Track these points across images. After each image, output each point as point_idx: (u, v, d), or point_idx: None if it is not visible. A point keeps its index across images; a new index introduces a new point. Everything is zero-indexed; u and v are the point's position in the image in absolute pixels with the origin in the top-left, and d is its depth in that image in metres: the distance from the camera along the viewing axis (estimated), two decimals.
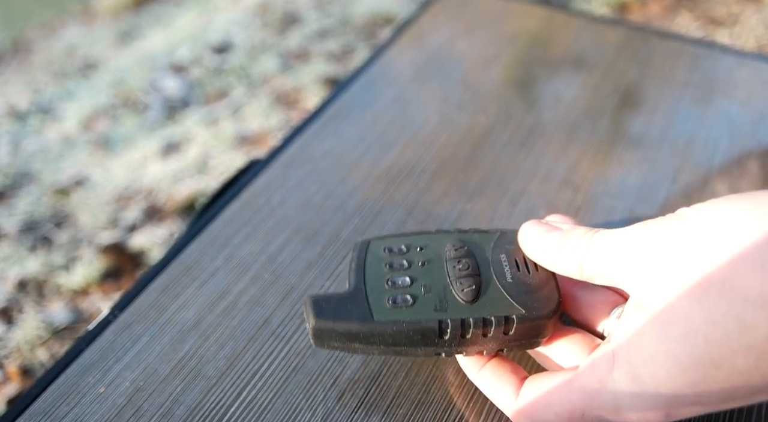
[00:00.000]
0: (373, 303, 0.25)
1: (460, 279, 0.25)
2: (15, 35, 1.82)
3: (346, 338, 0.24)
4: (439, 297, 0.25)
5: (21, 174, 1.32)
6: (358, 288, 0.25)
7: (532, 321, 0.24)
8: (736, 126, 0.42)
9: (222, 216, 0.37)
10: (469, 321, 0.24)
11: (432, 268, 0.26)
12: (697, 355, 0.19)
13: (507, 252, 0.27)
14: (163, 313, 0.32)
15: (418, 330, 0.24)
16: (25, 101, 1.56)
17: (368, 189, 0.38)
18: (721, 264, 0.18)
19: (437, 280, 0.26)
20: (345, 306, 0.25)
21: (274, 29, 1.69)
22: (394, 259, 0.27)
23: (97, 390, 0.29)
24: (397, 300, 0.25)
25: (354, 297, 0.25)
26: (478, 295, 0.25)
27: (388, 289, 0.25)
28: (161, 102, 1.48)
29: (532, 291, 0.25)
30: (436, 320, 0.24)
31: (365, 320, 0.24)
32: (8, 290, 1.06)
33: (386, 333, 0.24)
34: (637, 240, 0.21)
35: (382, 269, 0.26)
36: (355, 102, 0.45)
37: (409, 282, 0.26)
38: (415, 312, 0.24)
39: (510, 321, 0.24)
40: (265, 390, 0.28)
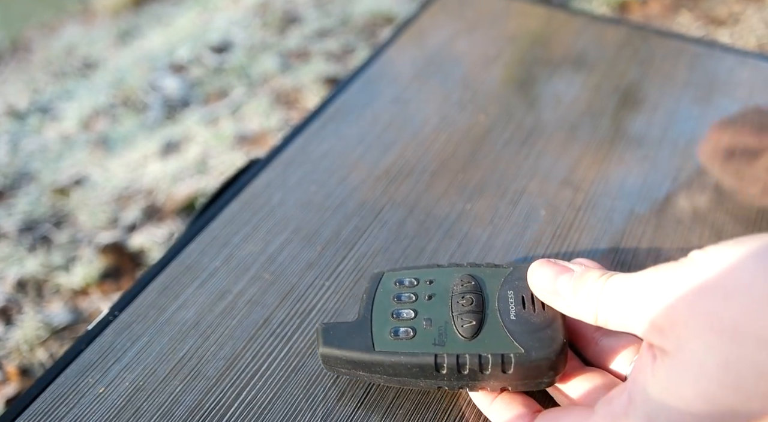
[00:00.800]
0: (375, 333, 0.26)
1: (462, 314, 0.26)
2: (14, 35, 1.82)
3: (350, 365, 0.26)
4: (439, 332, 0.25)
5: (20, 173, 1.32)
6: (365, 318, 0.27)
7: (532, 361, 0.24)
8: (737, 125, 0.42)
9: (222, 216, 0.37)
10: (465, 357, 0.24)
11: (437, 302, 0.27)
12: (711, 400, 0.19)
13: (515, 288, 0.26)
14: (163, 313, 0.32)
15: (415, 363, 0.25)
16: (24, 101, 1.55)
17: (368, 189, 0.38)
18: (733, 309, 0.18)
19: (440, 314, 0.26)
20: (350, 335, 0.26)
21: (274, 29, 1.69)
22: (402, 292, 0.27)
23: (96, 390, 0.29)
24: (398, 333, 0.26)
25: (360, 326, 0.26)
26: (479, 331, 0.25)
27: (391, 321, 0.26)
28: (161, 101, 1.47)
29: (535, 331, 0.25)
30: (432, 354, 0.25)
31: (366, 350, 0.25)
32: (7, 290, 1.06)
33: (386, 364, 0.25)
34: (650, 286, 0.21)
35: (389, 301, 0.27)
36: (355, 101, 0.45)
37: (413, 315, 0.26)
38: (413, 345, 0.25)
39: (507, 359, 0.24)
40: (265, 390, 0.28)
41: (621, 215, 0.36)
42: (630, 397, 0.21)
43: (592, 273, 0.23)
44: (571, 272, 0.24)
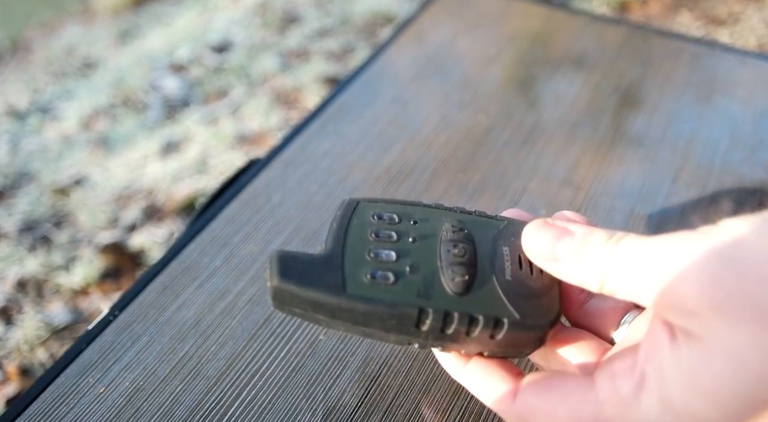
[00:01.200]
0: (348, 273, 0.21)
1: (452, 265, 0.22)
2: (14, 35, 1.82)
3: (310, 307, 0.21)
4: (425, 281, 0.22)
5: (20, 173, 1.32)
6: (335, 252, 0.22)
7: (525, 329, 0.21)
8: (737, 125, 0.42)
9: (222, 215, 0.37)
10: (453, 316, 0.21)
11: (423, 247, 0.23)
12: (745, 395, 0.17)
13: (511, 245, 0.23)
14: (163, 313, 0.32)
15: (394, 314, 0.21)
16: (24, 101, 1.55)
17: (368, 188, 0.38)
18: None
19: (427, 262, 0.22)
20: (315, 271, 0.21)
21: (273, 28, 1.69)
22: (382, 228, 0.23)
23: (96, 390, 0.29)
24: (376, 275, 0.21)
25: (328, 261, 0.22)
26: (470, 288, 0.22)
27: (369, 261, 0.22)
28: (161, 101, 1.47)
29: (532, 296, 0.22)
30: (416, 307, 0.21)
31: (336, 291, 0.21)
32: (7, 290, 1.06)
33: (357, 311, 0.21)
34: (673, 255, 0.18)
35: (366, 237, 0.23)
36: (355, 101, 0.45)
37: (395, 258, 0.22)
38: (394, 292, 0.21)
39: (500, 324, 0.21)
40: (265, 390, 0.28)
41: (621, 215, 0.36)
42: (642, 378, 0.19)
43: (597, 234, 0.20)
44: (572, 234, 0.21)
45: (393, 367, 0.29)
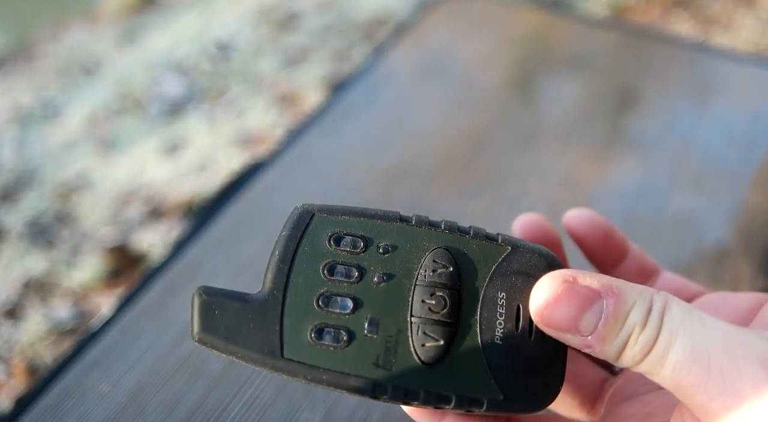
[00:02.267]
0: (287, 329, 0.17)
1: (425, 324, 0.17)
2: (20, 36, 1.83)
3: (242, 360, 0.17)
4: (386, 345, 0.17)
5: (25, 174, 1.32)
6: (273, 296, 0.17)
7: (510, 411, 0.17)
8: (732, 127, 0.42)
9: (223, 215, 0.37)
10: (418, 395, 0.17)
11: (391, 291, 0.17)
12: None
13: (509, 290, 0.18)
14: (165, 312, 0.32)
15: (342, 386, 0.17)
16: (29, 101, 1.56)
17: (369, 189, 0.39)
18: None
19: (393, 315, 0.17)
20: (246, 322, 0.17)
21: (274, 28, 1.70)
22: (339, 260, 0.18)
23: (100, 388, 0.29)
24: (323, 336, 0.17)
25: (264, 309, 0.17)
26: (444, 356, 0.17)
27: (315, 311, 0.17)
28: (163, 102, 1.48)
29: (526, 371, 0.17)
30: (370, 381, 0.16)
31: (270, 354, 0.16)
32: (13, 290, 1.07)
33: (299, 376, 0.17)
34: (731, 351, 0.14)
35: (317, 272, 0.18)
36: (357, 103, 0.45)
37: (350, 308, 0.17)
38: (345, 359, 0.17)
39: (477, 404, 0.17)
40: (267, 389, 0.29)
41: (619, 215, 0.36)
42: None
43: (637, 308, 0.16)
44: (600, 301, 0.16)
45: None
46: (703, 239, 0.35)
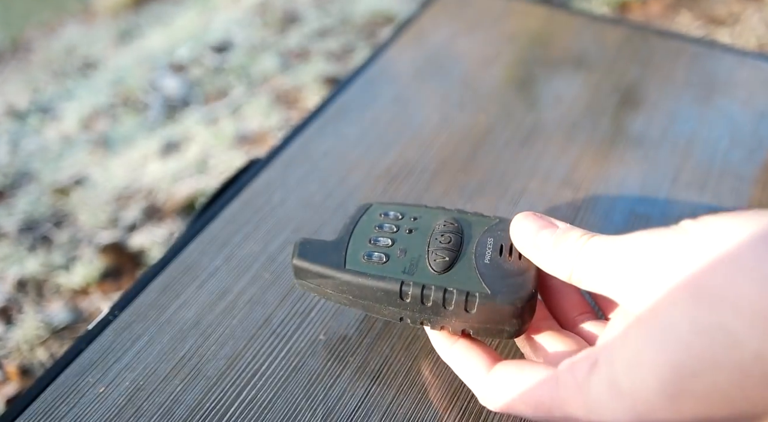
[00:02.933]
0: (349, 253, 0.26)
1: (437, 250, 0.26)
2: (14, 34, 1.82)
3: (319, 280, 0.26)
4: (411, 262, 0.26)
5: (20, 173, 1.32)
6: (342, 239, 0.27)
7: (495, 304, 0.24)
8: (737, 125, 0.42)
9: (222, 215, 0.37)
10: (431, 288, 0.24)
11: (416, 236, 0.27)
12: (677, 364, 0.18)
13: (496, 237, 0.27)
14: (163, 313, 0.32)
15: (381, 287, 0.25)
16: (24, 100, 1.55)
17: (368, 188, 0.38)
18: (718, 277, 0.18)
19: (416, 247, 0.26)
20: (325, 252, 0.27)
21: (274, 28, 1.69)
22: (385, 222, 0.28)
23: (96, 389, 0.29)
24: (371, 256, 0.26)
25: (336, 246, 0.27)
26: (449, 268, 0.25)
27: (368, 246, 0.27)
28: (161, 101, 1.47)
29: (506, 277, 0.25)
30: (399, 281, 0.25)
31: (337, 267, 0.26)
32: (8, 290, 1.06)
33: (352, 284, 0.26)
34: (633, 248, 0.20)
35: (371, 228, 0.28)
36: (356, 101, 0.45)
37: (389, 243, 0.27)
38: (383, 269, 0.25)
39: (471, 298, 0.24)
40: (266, 390, 0.28)
41: (621, 215, 0.36)
42: (595, 360, 0.21)
43: (575, 231, 0.23)
44: (554, 227, 0.24)
45: (393, 367, 0.29)
46: None
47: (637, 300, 0.20)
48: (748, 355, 0.17)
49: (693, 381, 0.18)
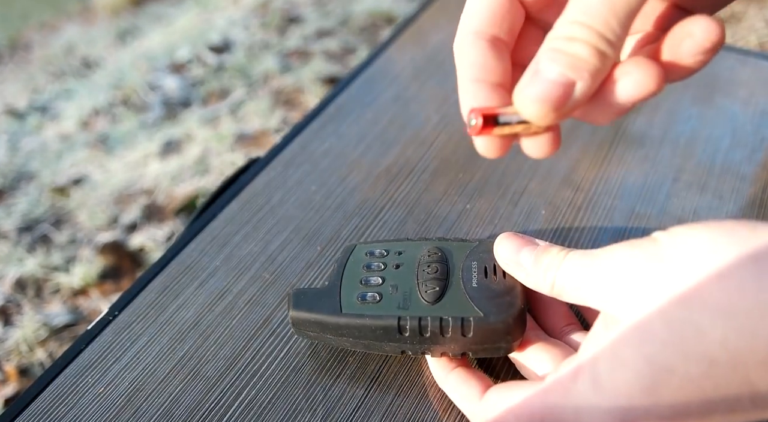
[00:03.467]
0: (343, 298, 0.27)
1: (426, 281, 0.27)
2: (13, 34, 1.82)
3: (318, 328, 0.27)
4: (404, 297, 0.27)
5: (19, 173, 1.32)
6: (334, 284, 0.28)
7: (489, 324, 0.25)
8: (738, 125, 0.42)
9: (221, 215, 0.37)
10: (427, 320, 0.26)
11: (404, 271, 0.28)
12: (652, 359, 0.19)
13: (479, 259, 0.28)
14: (163, 313, 0.32)
15: (380, 325, 0.26)
16: (23, 100, 1.55)
17: (368, 188, 0.38)
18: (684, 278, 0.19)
19: (406, 281, 0.27)
20: (320, 299, 0.27)
21: (273, 29, 1.69)
22: (372, 261, 0.29)
23: (96, 390, 0.29)
24: (365, 297, 0.27)
25: (329, 292, 0.28)
26: (441, 297, 0.26)
27: (360, 287, 0.28)
28: (161, 101, 1.47)
29: (494, 297, 0.26)
30: (396, 317, 0.26)
31: (334, 313, 0.27)
32: (6, 290, 1.06)
33: (352, 326, 0.26)
34: (607, 260, 0.22)
35: (359, 269, 0.29)
36: (355, 101, 0.45)
37: (380, 282, 0.28)
38: (379, 308, 0.26)
39: (467, 322, 0.25)
40: (265, 390, 0.28)
41: (621, 215, 0.36)
42: (579, 365, 0.22)
43: (554, 248, 0.24)
44: (534, 245, 0.25)
45: (393, 367, 0.29)
46: None
47: (615, 307, 0.21)
48: (713, 345, 0.18)
49: (667, 374, 0.19)
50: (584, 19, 0.19)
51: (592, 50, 0.19)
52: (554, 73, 0.19)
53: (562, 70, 0.19)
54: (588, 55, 0.19)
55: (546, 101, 0.19)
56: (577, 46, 0.19)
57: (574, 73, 0.19)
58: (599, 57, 0.19)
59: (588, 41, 0.19)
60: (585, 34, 0.19)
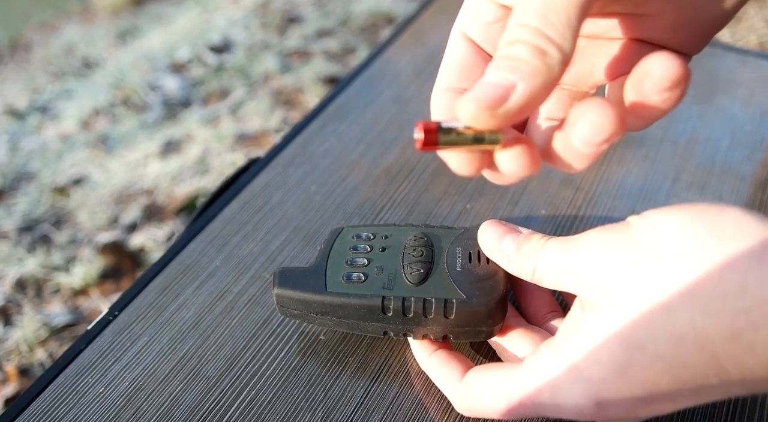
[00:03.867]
0: (329, 277, 0.27)
1: (411, 263, 0.27)
2: (13, 34, 1.82)
3: (302, 306, 0.27)
4: (389, 278, 0.27)
5: (20, 173, 1.32)
6: (320, 264, 0.28)
7: (472, 307, 0.26)
8: (738, 124, 0.42)
9: (221, 215, 0.37)
10: (411, 300, 0.26)
11: (390, 253, 0.28)
12: (624, 338, 0.20)
13: (464, 245, 0.28)
14: (163, 313, 0.32)
15: (364, 304, 0.26)
16: (23, 100, 1.55)
17: (368, 188, 0.38)
18: (658, 262, 0.20)
19: (391, 263, 0.28)
20: (305, 278, 0.28)
21: (274, 29, 1.69)
22: (358, 243, 0.29)
23: (96, 390, 0.29)
24: (351, 277, 0.27)
25: (315, 271, 0.28)
26: (425, 279, 0.27)
27: (345, 267, 0.28)
28: (161, 101, 1.47)
29: (477, 281, 0.27)
30: (380, 296, 0.26)
31: (319, 291, 0.27)
32: (7, 290, 1.06)
33: (336, 305, 0.27)
34: (584, 245, 0.22)
35: (345, 250, 0.29)
36: (355, 101, 0.45)
37: (366, 263, 0.28)
38: (363, 288, 0.27)
39: (449, 304, 0.26)
40: (265, 390, 0.28)
41: (621, 214, 0.36)
42: (556, 347, 0.22)
43: (535, 235, 0.25)
44: (517, 233, 0.26)
45: (393, 367, 0.29)
46: None
47: (590, 291, 0.22)
48: (681, 323, 0.19)
49: (638, 353, 0.20)
50: (522, 20, 0.19)
51: (531, 49, 0.18)
52: (495, 77, 0.19)
53: (502, 74, 0.19)
54: (527, 54, 0.18)
55: (480, 100, 0.18)
56: (517, 47, 0.19)
57: (514, 73, 0.18)
58: (539, 55, 0.18)
59: (526, 40, 0.18)
60: (523, 34, 0.19)
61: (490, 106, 0.18)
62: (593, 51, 0.25)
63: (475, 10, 0.25)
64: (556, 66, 0.18)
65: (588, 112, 0.19)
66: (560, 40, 0.18)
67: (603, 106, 0.19)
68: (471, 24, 0.25)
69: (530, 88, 0.18)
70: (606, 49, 0.24)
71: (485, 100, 0.18)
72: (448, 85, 0.24)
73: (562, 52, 0.18)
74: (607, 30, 0.24)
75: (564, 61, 0.19)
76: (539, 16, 0.18)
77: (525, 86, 0.18)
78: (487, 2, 0.24)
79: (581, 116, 0.19)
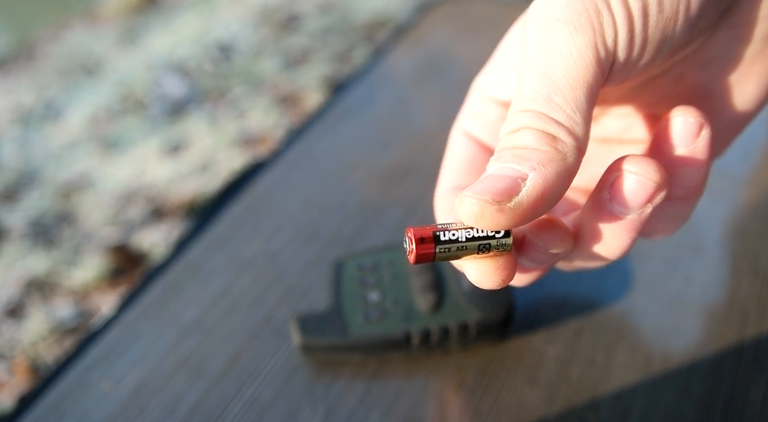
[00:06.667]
0: (348, 319, 0.29)
1: (421, 291, 0.29)
2: (21, 36, 1.83)
3: (327, 350, 0.29)
4: (405, 310, 0.28)
5: (26, 174, 1.33)
6: (335, 306, 0.29)
7: (488, 322, 0.28)
8: None
9: (225, 216, 0.37)
10: (430, 329, 0.28)
11: (398, 282, 0.29)
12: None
13: None
14: (166, 312, 0.32)
15: (387, 341, 0.28)
16: (30, 101, 1.57)
17: (369, 189, 0.39)
18: None
19: (403, 293, 0.29)
20: (325, 324, 0.29)
21: (275, 30, 1.70)
22: (364, 276, 0.30)
23: (101, 387, 0.29)
24: (369, 316, 0.28)
25: (332, 314, 0.29)
26: (439, 304, 0.28)
27: (361, 305, 0.29)
28: (164, 102, 1.48)
29: (488, 298, 0.28)
30: (401, 331, 0.28)
31: (342, 335, 0.28)
32: (15, 289, 1.07)
33: (361, 345, 0.28)
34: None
35: (355, 286, 0.30)
36: (357, 104, 0.46)
37: (380, 298, 0.29)
38: (384, 326, 0.28)
39: (470, 325, 0.28)
40: (267, 388, 0.29)
41: None
42: None
43: None
44: None
45: (393, 366, 0.30)
46: (708, 236, 0.35)
47: None
48: None
49: None
50: (524, 106, 0.16)
51: (539, 134, 0.16)
52: (500, 169, 0.16)
53: (508, 164, 0.16)
54: (535, 141, 0.16)
55: (484, 194, 0.15)
56: (521, 134, 0.16)
57: (522, 164, 0.16)
58: (549, 141, 0.16)
59: (531, 126, 0.16)
60: (527, 120, 0.16)
61: (497, 200, 0.15)
62: (605, 152, 0.23)
63: (478, 110, 0.23)
64: (570, 153, 0.16)
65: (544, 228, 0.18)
66: (570, 124, 0.16)
67: (554, 223, 0.18)
68: (474, 123, 0.23)
69: (543, 177, 0.15)
70: (619, 152, 0.20)
71: (490, 192, 0.15)
72: (454, 183, 0.21)
73: (574, 137, 0.16)
74: (621, 131, 0.22)
75: (578, 147, 0.16)
76: (543, 100, 0.16)
77: (537, 175, 0.15)
78: (489, 101, 0.23)
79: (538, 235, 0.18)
